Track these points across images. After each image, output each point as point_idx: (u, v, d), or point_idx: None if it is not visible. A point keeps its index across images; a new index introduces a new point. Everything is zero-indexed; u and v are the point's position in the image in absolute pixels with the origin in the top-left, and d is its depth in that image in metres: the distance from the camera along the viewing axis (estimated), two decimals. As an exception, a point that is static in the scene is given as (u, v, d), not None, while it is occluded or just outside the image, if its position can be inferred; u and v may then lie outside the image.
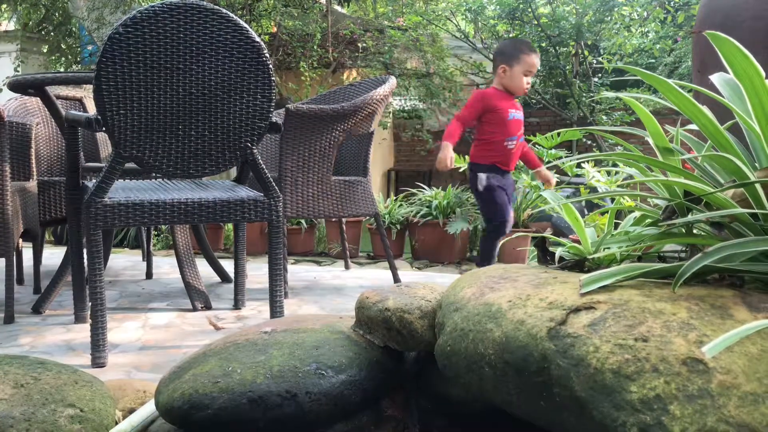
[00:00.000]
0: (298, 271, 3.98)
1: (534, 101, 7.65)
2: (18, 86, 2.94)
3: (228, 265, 3.80)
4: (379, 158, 8.31)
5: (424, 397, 1.30)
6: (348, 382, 1.18)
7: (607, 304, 0.93)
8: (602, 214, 1.70)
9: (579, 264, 1.19)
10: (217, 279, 3.65)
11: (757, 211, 0.99)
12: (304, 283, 3.56)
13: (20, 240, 3.51)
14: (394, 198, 4.66)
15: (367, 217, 4.58)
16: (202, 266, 3.55)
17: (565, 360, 0.87)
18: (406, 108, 7.66)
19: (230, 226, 5.01)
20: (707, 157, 1.14)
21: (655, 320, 0.87)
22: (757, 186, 1.00)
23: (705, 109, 1.07)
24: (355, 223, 4.61)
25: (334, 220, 4.48)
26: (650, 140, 1.19)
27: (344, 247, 4.00)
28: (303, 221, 4.64)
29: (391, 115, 7.30)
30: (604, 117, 6.99)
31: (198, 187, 2.78)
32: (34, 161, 3.24)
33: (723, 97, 1.10)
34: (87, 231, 2.36)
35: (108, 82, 2.16)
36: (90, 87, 3.53)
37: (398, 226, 4.40)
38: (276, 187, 2.54)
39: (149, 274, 3.76)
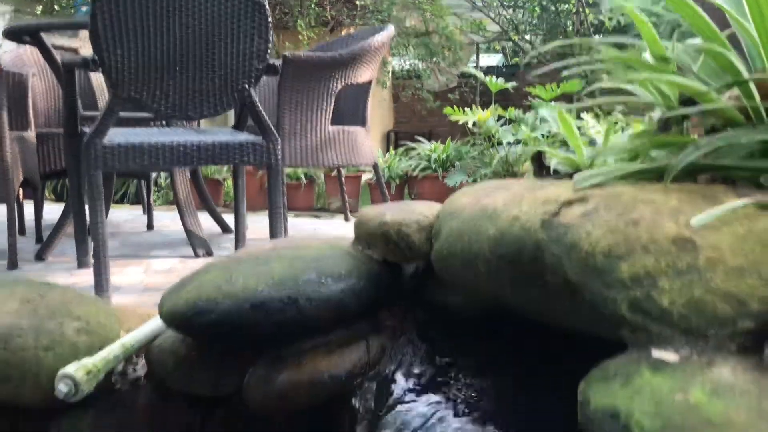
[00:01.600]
0: (298, 224, 4.00)
1: (534, 59, 7.58)
2: (13, 33, 2.93)
3: (228, 220, 3.82)
4: (378, 120, 8.28)
5: (421, 309, 1.33)
6: (347, 290, 1.21)
7: (600, 196, 0.95)
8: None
9: (573, 175, 1.21)
10: (219, 230, 3.68)
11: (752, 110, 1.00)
12: (304, 233, 3.59)
13: (20, 190, 3.53)
14: (394, 152, 4.67)
15: (366, 173, 4.60)
16: (204, 220, 3.57)
17: (558, 247, 0.90)
18: (405, 68, 7.61)
19: (230, 182, 5.02)
20: (703, 65, 1.15)
21: (646, 207, 0.89)
22: (752, 86, 1.02)
23: (702, 12, 1.08)
24: (354, 178, 4.62)
25: (333, 174, 4.49)
26: (647, 54, 1.20)
27: (344, 200, 4.02)
28: (302, 176, 4.65)
29: (390, 75, 7.26)
30: (605, 76, 6.94)
31: (197, 133, 2.78)
32: (31, 111, 3.23)
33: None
34: (87, 173, 2.38)
35: (104, 21, 2.15)
36: (86, 36, 3.51)
37: (397, 180, 4.41)
38: (274, 131, 2.54)
39: (150, 226, 3.79)
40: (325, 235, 3.55)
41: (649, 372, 0.79)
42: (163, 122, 3.26)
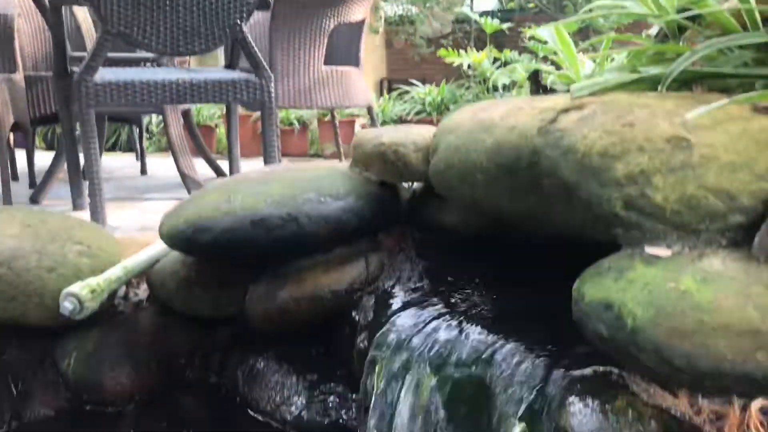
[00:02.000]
0: (292, 168, 3.99)
1: (531, 5, 7.45)
2: (-3, -30, 2.85)
3: (222, 167, 3.81)
4: (371, 67, 8.17)
5: (418, 231, 1.35)
6: (346, 208, 1.22)
7: (596, 103, 0.96)
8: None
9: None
10: (213, 175, 3.66)
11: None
12: (299, 176, 3.58)
13: (11, 135, 3.50)
14: (387, 96, 4.63)
15: (360, 117, 4.57)
16: (198, 167, 3.56)
17: (555, 150, 0.91)
18: (398, 13, 7.47)
19: (222, 129, 4.99)
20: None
21: (642, 111, 0.90)
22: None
23: None
24: (348, 123, 4.59)
25: (326, 119, 4.46)
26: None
27: (338, 145, 4.01)
28: (295, 122, 4.62)
29: (382, 20, 7.13)
30: (601, 20, 6.85)
31: (188, 71, 2.75)
32: (18, 53, 3.17)
33: None
34: (79, 111, 2.36)
35: (91, -50, 2.09)
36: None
37: (391, 125, 4.39)
38: (267, 68, 2.52)
39: (144, 171, 3.78)
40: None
41: (642, 265, 0.82)
42: (154, 64, 3.21)
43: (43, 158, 4.46)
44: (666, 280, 0.78)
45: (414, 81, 4.70)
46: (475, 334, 1.03)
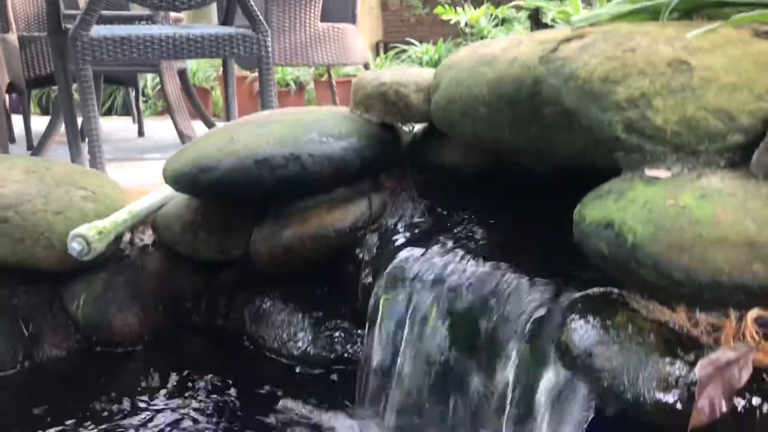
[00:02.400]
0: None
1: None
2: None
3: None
4: (367, 30, 8.08)
5: (420, 172, 1.36)
6: (348, 148, 1.23)
7: (597, 32, 0.96)
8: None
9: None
10: (210, 134, 3.65)
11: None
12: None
13: (7, 97, 3.47)
14: (384, 55, 4.60)
15: (357, 74, 4.53)
16: (195, 127, 3.55)
17: (556, 78, 0.91)
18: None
19: (218, 91, 4.96)
20: None
21: (643, 37, 0.91)
22: None
23: None
24: (344, 83, 4.56)
25: (323, 79, 4.43)
26: None
27: (335, 104, 3.99)
28: (291, 82, 4.59)
29: (377, -20, 7.03)
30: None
31: (184, 27, 2.72)
32: (11, 12, 3.14)
33: None
34: (76, 68, 2.34)
35: None
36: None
37: (388, 84, 4.37)
38: (264, 21, 2.50)
39: (141, 133, 3.77)
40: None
41: (642, 186, 0.83)
42: (149, 21, 3.18)
43: (39, 123, 4.44)
44: (665, 197, 0.79)
45: (411, 40, 4.66)
46: (478, 265, 1.05)
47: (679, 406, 0.73)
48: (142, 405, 1.17)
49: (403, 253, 1.13)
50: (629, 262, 0.79)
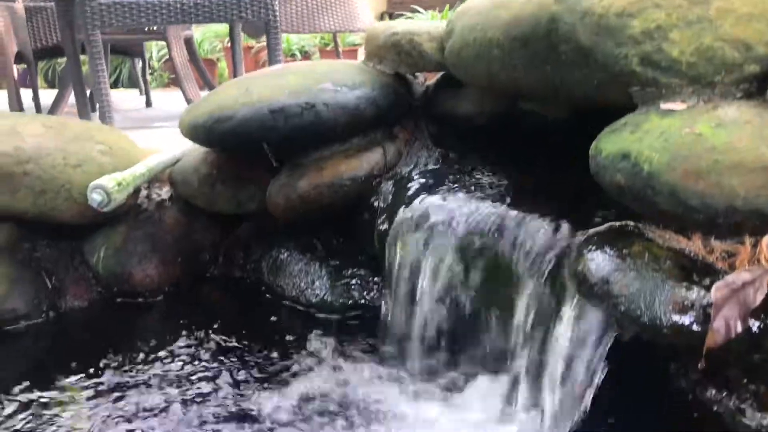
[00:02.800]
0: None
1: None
2: None
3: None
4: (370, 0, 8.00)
5: (432, 123, 1.37)
6: (362, 97, 1.24)
7: (613, -30, 0.96)
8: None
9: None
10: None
11: None
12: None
13: (15, 69, 3.48)
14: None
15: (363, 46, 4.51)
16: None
17: (572, 15, 0.92)
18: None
19: (224, 63, 4.95)
20: None
21: (658, -28, 0.91)
22: None
23: None
24: (351, 52, 4.55)
25: (329, 48, 4.42)
26: None
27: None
28: (297, 52, 4.57)
29: (381, -51, 6.94)
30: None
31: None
32: (17, -19, 3.13)
33: None
34: (84, 33, 2.35)
35: None
36: None
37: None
38: (271, -16, 2.48)
39: (148, 103, 3.77)
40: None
41: (658, 118, 0.84)
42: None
43: (47, 96, 4.45)
44: (682, 127, 0.80)
45: (416, 7, 4.63)
46: (493, 207, 1.07)
47: (695, 327, 0.75)
48: (164, 353, 1.19)
49: (419, 199, 1.14)
50: (645, 190, 0.80)
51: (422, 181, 1.20)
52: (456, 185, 1.16)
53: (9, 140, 1.29)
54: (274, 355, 1.17)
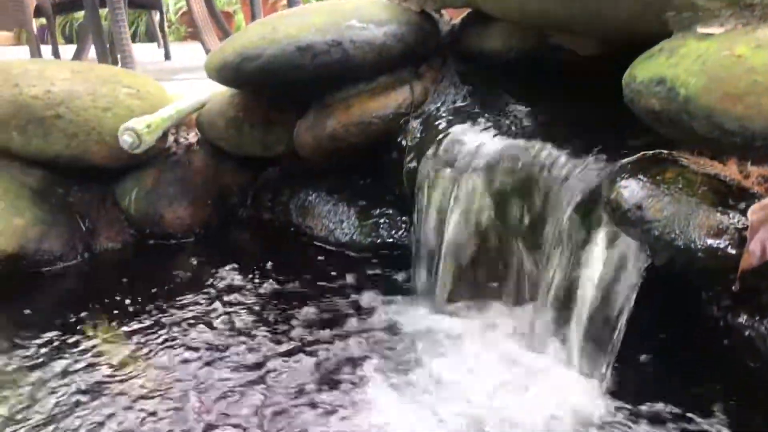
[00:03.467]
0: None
1: None
2: None
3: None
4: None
5: (460, 61, 1.35)
6: (389, 34, 1.23)
7: None
8: None
9: None
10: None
11: None
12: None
13: (35, 20, 3.48)
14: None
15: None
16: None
17: (607, -61, 0.90)
18: None
19: (241, 16, 4.90)
20: None
21: None
22: None
23: None
24: None
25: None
26: None
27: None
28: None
29: None
30: None
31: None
32: (34, -67, 3.10)
33: None
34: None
35: None
36: None
37: None
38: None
39: (167, 56, 3.76)
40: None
41: (695, 41, 0.83)
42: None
43: (66, 52, 4.45)
44: (720, 50, 0.79)
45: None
46: (523, 141, 1.06)
47: (729, 250, 0.75)
48: (196, 293, 1.21)
49: (447, 136, 1.14)
50: (681, 115, 0.79)
51: (450, 118, 1.19)
52: (484, 121, 1.15)
53: (39, 84, 1.30)
54: (306, 292, 1.19)
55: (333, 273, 1.22)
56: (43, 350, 1.01)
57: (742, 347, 0.87)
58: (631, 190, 0.83)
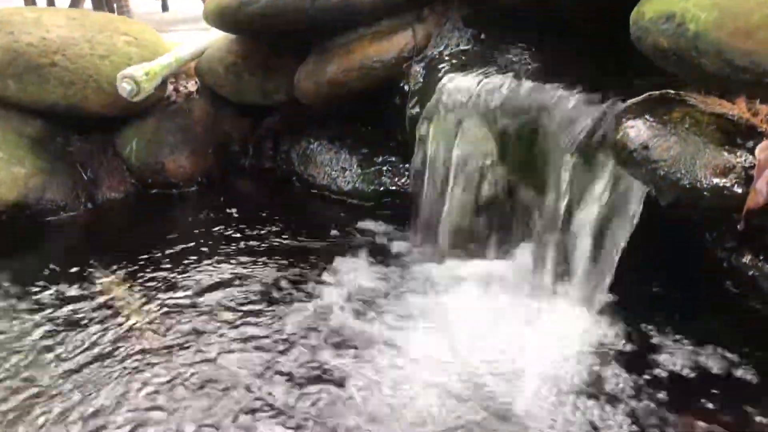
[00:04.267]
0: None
1: None
2: None
3: None
4: None
5: (464, 5, 1.31)
6: (390, -25, 1.19)
7: None
8: None
9: None
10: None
11: None
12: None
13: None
14: None
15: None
16: None
17: None
18: None
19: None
20: None
21: None
22: None
23: None
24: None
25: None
26: None
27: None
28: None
29: None
30: None
31: None
32: None
33: None
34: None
35: None
36: None
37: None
38: None
39: (165, 8, 3.70)
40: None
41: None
42: None
43: (61, 2, 4.37)
44: (732, -17, 0.76)
45: None
46: (528, 84, 1.04)
47: (736, 189, 0.74)
48: (199, 242, 1.19)
49: (451, 79, 1.12)
50: (690, 52, 0.77)
51: (454, 61, 1.17)
52: (489, 64, 1.13)
53: (35, 31, 1.28)
54: (308, 241, 1.18)
55: (336, 221, 1.22)
56: (50, 298, 1.02)
57: (746, 286, 0.88)
58: (638, 130, 0.82)
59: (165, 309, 0.98)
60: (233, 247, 1.16)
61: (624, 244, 0.88)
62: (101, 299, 1.02)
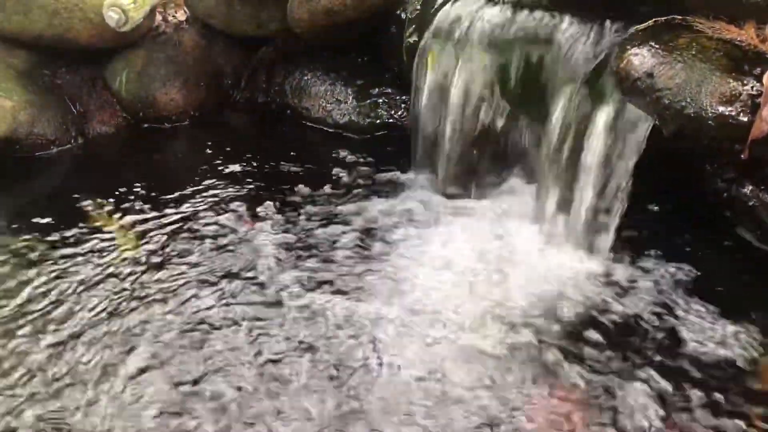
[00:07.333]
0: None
1: None
2: None
3: None
4: None
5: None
6: None
7: None
8: None
9: None
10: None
11: None
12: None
13: None
14: None
15: None
16: None
17: None
18: None
19: None
20: None
21: None
22: None
23: None
24: None
25: None
26: None
27: None
28: None
29: None
30: None
31: None
32: None
33: None
34: None
35: None
36: None
37: None
38: None
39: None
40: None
41: None
42: None
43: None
44: None
45: None
46: (530, 12, 1.01)
47: (741, 117, 0.73)
48: (192, 177, 1.17)
49: (450, 6, 1.08)
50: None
51: (452, -12, 1.13)
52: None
53: (14, -44, 1.22)
54: (303, 175, 1.17)
55: (331, 155, 1.20)
56: (42, 234, 1.01)
57: (746, 216, 0.88)
58: (642, 57, 0.80)
59: (157, 238, 0.98)
60: (225, 182, 1.14)
61: (627, 177, 0.88)
62: (93, 232, 1.01)
